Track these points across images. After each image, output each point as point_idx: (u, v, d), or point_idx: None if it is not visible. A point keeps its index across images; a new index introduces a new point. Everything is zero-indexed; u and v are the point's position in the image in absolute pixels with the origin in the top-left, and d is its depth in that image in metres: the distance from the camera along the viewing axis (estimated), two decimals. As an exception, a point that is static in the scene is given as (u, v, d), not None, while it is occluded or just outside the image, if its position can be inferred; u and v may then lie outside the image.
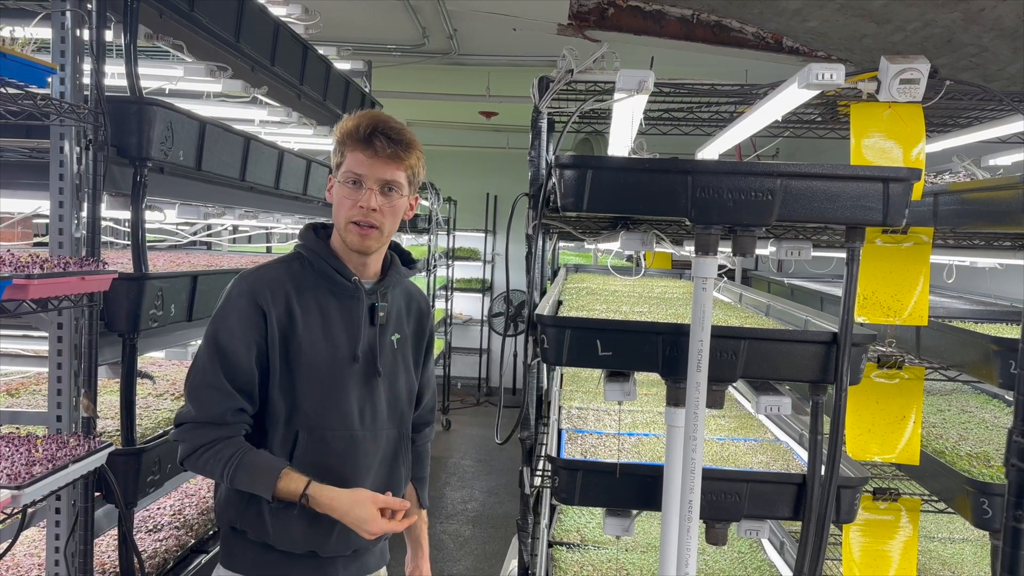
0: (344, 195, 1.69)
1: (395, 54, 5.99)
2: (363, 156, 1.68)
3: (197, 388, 1.66)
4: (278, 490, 1.60)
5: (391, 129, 1.69)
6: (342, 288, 1.73)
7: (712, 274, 1.38)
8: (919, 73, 1.65)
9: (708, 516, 1.50)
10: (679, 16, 5.22)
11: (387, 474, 1.80)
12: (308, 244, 1.76)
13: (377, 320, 1.76)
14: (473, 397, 9.33)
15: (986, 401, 2.58)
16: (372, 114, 1.71)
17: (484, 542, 5.13)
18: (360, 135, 1.67)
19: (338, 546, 1.72)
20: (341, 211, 1.69)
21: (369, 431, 1.74)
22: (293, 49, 3.22)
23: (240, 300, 1.67)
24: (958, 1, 3.79)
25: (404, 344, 1.84)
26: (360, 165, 1.68)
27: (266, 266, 1.75)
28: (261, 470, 1.62)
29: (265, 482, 1.60)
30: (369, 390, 1.74)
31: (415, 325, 1.89)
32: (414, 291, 1.93)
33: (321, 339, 1.69)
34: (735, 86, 1.89)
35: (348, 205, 1.68)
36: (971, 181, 2.18)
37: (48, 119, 1.78)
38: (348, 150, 1.69)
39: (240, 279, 1.71)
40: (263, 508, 1.67)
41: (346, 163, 1.69)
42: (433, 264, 6.98)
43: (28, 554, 2.37)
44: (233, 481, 1.62)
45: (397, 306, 1.84)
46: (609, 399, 1.49)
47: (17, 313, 1.66)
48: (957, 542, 2.47)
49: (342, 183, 1.69)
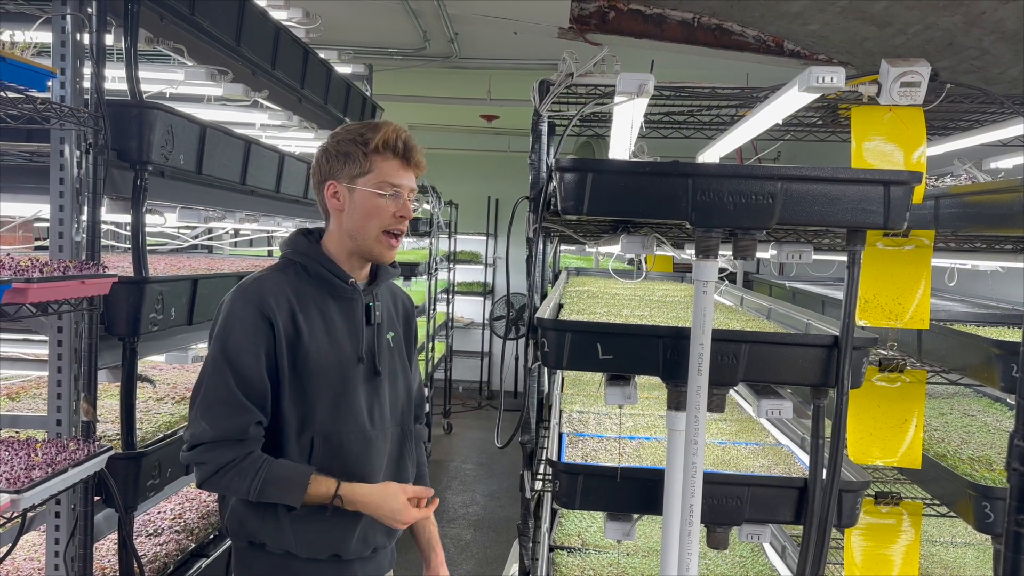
0: (381, 205, 1.69)
1: (396, 58, 5.99)
2: (396, 165, 1.70)
3: (211, 406, 1.62)
4: (309, 496, 1.61)
5: (414, 142, 1.73)
6: (340, 291, 1.73)
7: (713, 277, 1.38)
8: (920, 76, 1.65)
9: (709, 520, 1.50)
10: (680, 20, 5.23)
11: (395, 471, 1.82)
12: (301, 250, 1.75)
13: (374, 319, 1.77)
14: (475, 401, 9.32)
15: (988, 405, 2.57)
16: (394, 125, 1.73)
17: (485, 546, 5.12)
18: (396, 146, 1.70)
19: (359, 547, 1.74)
20: (374, 221, 1.70)
21: (379, 430, 1.76)
22: (294, 53, 3.22)
23: (245, 312, 1.65)
24: (959, 4, 3.78)
25: (398, 342, 1.86)
26: (396, 175, 1.70)
27: (263, 276, 1.73)
28: (290, 479, 1.62)
29: (295, 491, 1.60)
30: (374, 389, 1.76)
31: (403, 323, 1.91)
32: (396, 289, 1.96)
33: (327, 344, 1.69)
34: (735, 89, 1.89)
35: (387, 215, 1.70)
36: (972, 184, 2.18)
37: (48, 123, 1.78)
38: (380, 159, 1.69)
39: (240, 291, 1.69)
40: (282, 518, 1.66)
41: (378, 172, 1.69)
42: (434, 268, 6.98)
43: (28, 558, 2.36)
44: (261, 495, 1.61)
45: (387, 305, 1.86)
46: (610, 403, 1.48)
47: (17, 317, 1.66)
48: (959, 546, 2.46)
49: (375, 193, 1.69)
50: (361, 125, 1.73)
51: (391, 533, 1.81)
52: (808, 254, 1.50)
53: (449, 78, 6.74)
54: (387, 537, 1.81)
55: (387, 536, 1.80)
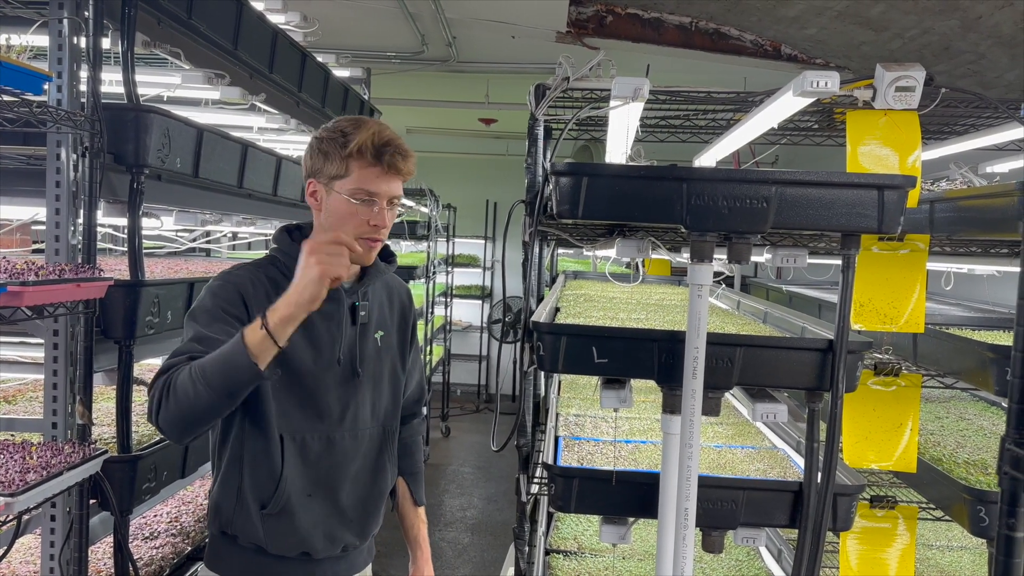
0: (352, 211, 1.62)
1: (394, 61, 6.00)
2: (374, 173, 1.62)
3: (168, 367, 1.53)
4: (249, 347, 1.45)
5: (399, 146, 1.63)
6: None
7: (707, 281, 1.38)
8: (915, 80, 1.66)
9: (704, 524, 1.50)
10: (677, 24, 5.24)
11: (371, 471, 1.79)
12: (284, 248, 1.71)
13: (359, 320, 1.73)
14: (473, 404, 9.32)
15: (984, 408, 2.58)
16: (378, 126, 1.65)
17: (483, 550, 5.11)
18: (374, 152, 1.61)
19: (327, 546, 1.72)
20: (347, 227, 1.63)
21: (349, 431, 1.72)
22: (291, 56, 3.22)
23: (224, 290, 1.63)
24: (956, 8, 3.80)
25: (388, 340, 1.82)
26: (372, 182, 1.62)
27: (245, 267, 1.70)
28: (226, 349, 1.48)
29: (235, 353, 1.46)
30: (352, 391, 1.72)
31: (398, 318, 1.86)
32: (394, 283, 1.89)
33: (300, 343, 1.64)
34: (731, 94, 1.89)
35: (357, 223, 1.63)
36: (967, 188, 2.18)
37: (45, 126, 1.78)
38: (357, 165, 1.62)
39: (220, 275, 1.67)
40: (253, 513, 1.66)
41: (355, 178, 1.62)
42: (432, 271, 6.98)
43: (23, 561, 2.36)
44: (209, 382, 1.46)
45: (379, 302, 1.81)
46: (605, 406, 1.48)
47: (13, 320, 1.66)
48: (955, 550, 2.47)
49: (348, 198, 1.62)
50: (348, 122, 1.66)
51: (363, 532, 1.79)
52: (803, 258, 1.50)
53: (447, 82, 6.75)
54: (358, 536, 1.78)
55: (358, 535, 1.78)
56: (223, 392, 1.47)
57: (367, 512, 1.79)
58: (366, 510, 1.79)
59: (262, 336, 1.46)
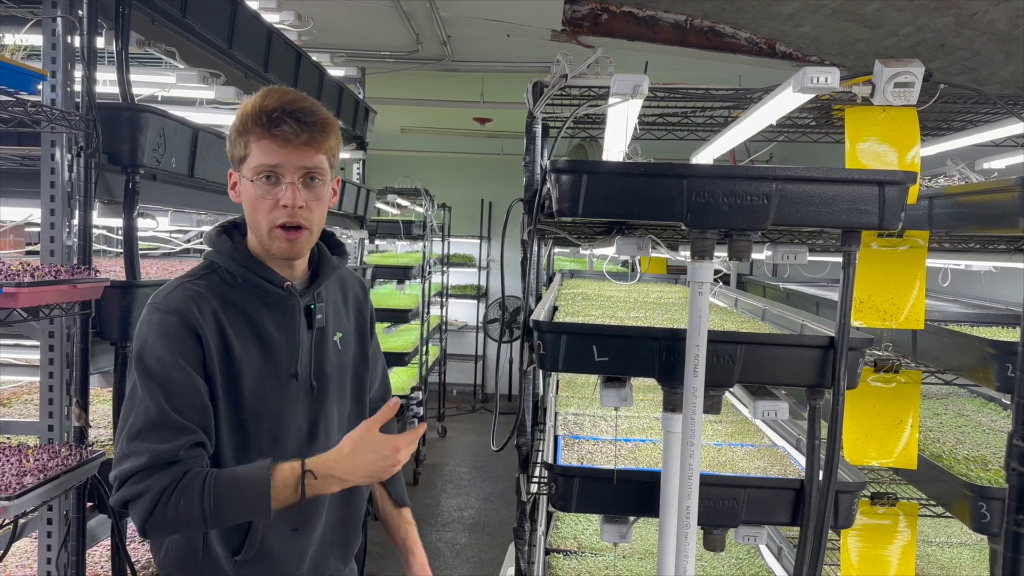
0: (259, 194, 1.42)
1: (389, 60, 5.99)
2: (274, 144, 1.41)
3: (139, 432, 1.36)
4: (276, 489, 1.34)
5: (303, 109, 1.42)
6: (274, 297, 1.50)
7: (708, 279, 1.37)
8: (913, 76, 1.65)
9: (706, 522, 1.50)
10: (672, 22, 5.24)
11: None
12: (225, 252, 1.50)
13: (315, 324, 1.55)
14: (469, 404, 9.31)
15: (983, 404, 2.58)
16: (277, 91, 1.44)
17: (481, 550, 5.10)
18: (266, 119, 1.40)
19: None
20: (260, 214, 1.44)
21: (322, 447, 1.50)
22: (286, 56, 3.21)
23: (165, 325, 1.40)
24: (950, 5, 3.80)
25: (347, 341, 1.64)
26: (272, 155, 1.41)
27: (181, 284, 1.46)
28: (249, 479, 1.35)
29: (258, 489, 1.33)
30: (317, 403, 1.55)
31: (355, 315, 1.69)
32: (347, 277, 1.70)
33: (260, 361, 1.47)
34: (729, 90, 1.89)
35: (268, 206, 1.43)
36: (966, 184, 2.18)
37: (39, 126, 1.77)
38: (254, 139, 1.42)
39: (155, 304, 1.43)
40: (224, 562, 1.48)
41: (253, 155, 1.42)
42: (428, 271, 6.98)
43: (20, 565, 2.34)
44: (219, 512, 1.34)
45: (334, 301, 1.63)
46: (605, 405, 1.48)
47: (8, 322, 1.65)
48: (955, 546, 2.47)
49: (253, 180, 1.42)
50: (249, 97, 1.45)
51: (346, 555, 1.66)
52: (803, 255, 1.49)
53: (442, 81, 6.75)
54: (341, 560, 1.65)
55: (341, 559, 1.65)
56: (222, 521, 1.37)
57: (347, 532, 1.65)
58: (346, 529, 1.64)
59: (296, 481, 1.35)
